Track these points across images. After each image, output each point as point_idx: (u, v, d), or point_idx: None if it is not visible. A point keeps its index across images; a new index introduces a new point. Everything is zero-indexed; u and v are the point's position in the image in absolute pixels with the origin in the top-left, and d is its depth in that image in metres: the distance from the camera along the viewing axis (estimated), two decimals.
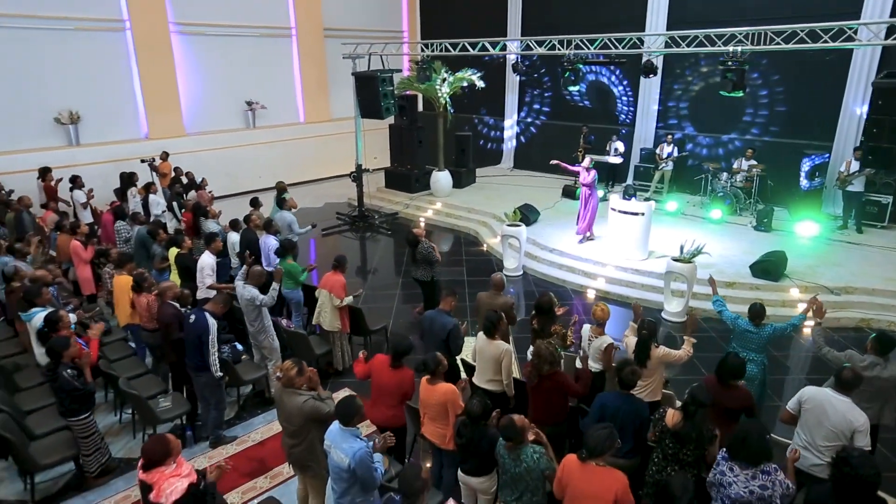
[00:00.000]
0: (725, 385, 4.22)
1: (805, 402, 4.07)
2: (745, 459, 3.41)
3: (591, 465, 3.34)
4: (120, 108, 13.54)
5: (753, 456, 3.39)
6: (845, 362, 4.49)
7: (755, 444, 3.41)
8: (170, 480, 3.22)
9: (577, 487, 3.36)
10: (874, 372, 4.40)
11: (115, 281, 6.28)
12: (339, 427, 3.60)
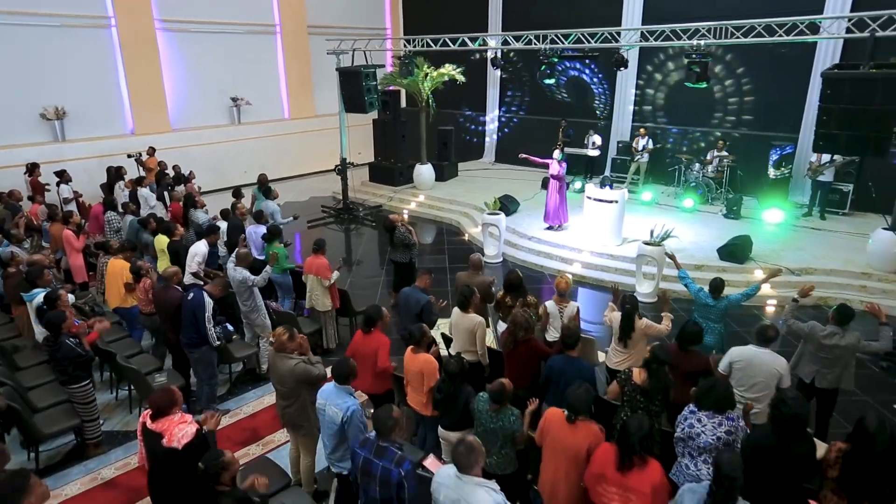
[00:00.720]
0: (685, 351, 4.60)
1: (735, 362, 4.51)
2: (712, 408, 3.76)
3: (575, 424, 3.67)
4: (106, 104, 13.68)
5: (720, 403, 3.74)
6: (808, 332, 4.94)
7: (721, 393, 3.77)
8: (179, 426, 3.52)
9: (557, 439, 3.70)
10: (834, 340, 4.79)
11: (109, 264, 6.52)
12: (335, 385, 3.92)
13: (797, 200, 12.09)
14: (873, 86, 6.09)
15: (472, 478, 3.06)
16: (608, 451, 3.47)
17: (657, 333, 5.11)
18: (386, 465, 3.33)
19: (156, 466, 3.64)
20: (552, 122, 15.14)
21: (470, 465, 3.04)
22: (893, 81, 6.01)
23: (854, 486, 3.32)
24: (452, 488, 3.09)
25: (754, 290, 5.59)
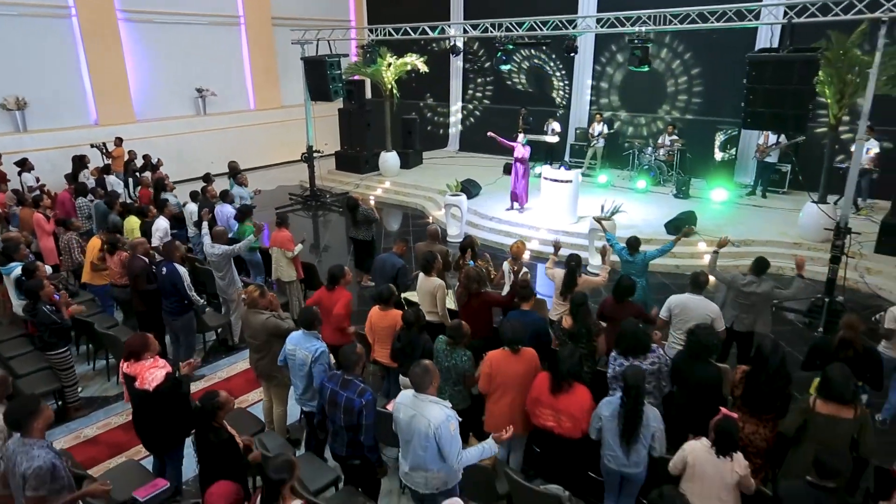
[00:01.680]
0: (620, 302, 5.14)
1: (674, 308, 5.08)
2: (632, 353, 4.28)
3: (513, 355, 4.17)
4: (68, 95, 13.66)
5: (630, 350, 4.25)
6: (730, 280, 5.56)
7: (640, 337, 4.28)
8: (150, 370, 3.88)
9: (503, 372, 4.18)
10: (751, 288, 5.41)
11: (90, 242, 6.81)
12: (303, 332, 4.33)
13: (742, 181, 12.88)
14: (791, 67, 6.72)
15: (427, 396, 3.51)
16: (543, 378, 3.97)
17: (596, 285, 5.65)
18: (350, 396, 3.75)
19: (136, 405, 4.00)
20: (514, 110, 15.63)
21: (425, 385, 3.49)
22: (807, 64, 6.65)
23: (753, 401, 3.88)
24: (410, 406, 3.54)
25: (669, 247, 6.23)
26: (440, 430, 3.40)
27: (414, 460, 3.58)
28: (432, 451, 3.49)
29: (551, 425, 3.94)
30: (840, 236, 7.09)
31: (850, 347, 4.29)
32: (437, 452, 3.48)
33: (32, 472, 3.01)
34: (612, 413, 3.64)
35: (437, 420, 3.42)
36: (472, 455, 3.55)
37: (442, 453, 3.46)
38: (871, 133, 10.37)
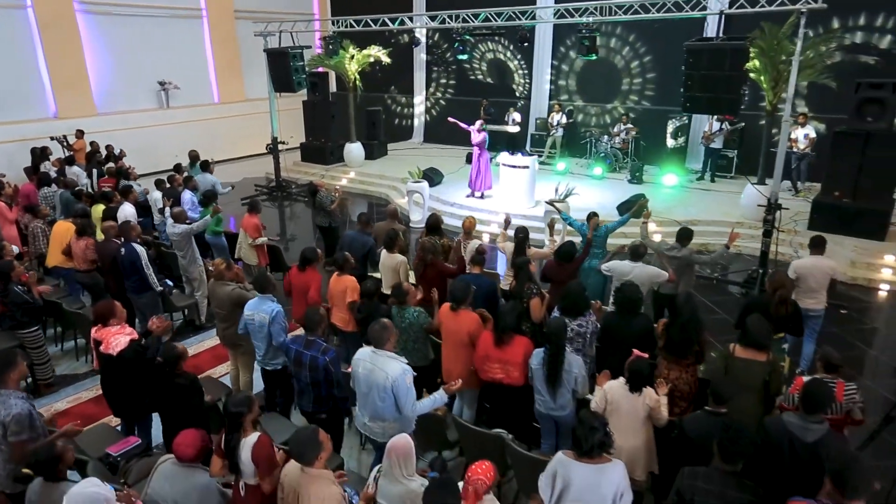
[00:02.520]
0: (559, 265, 5.57)
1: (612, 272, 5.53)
2: (570, 313, 4.70)
3: (458, 312, 4.54)
4: (25, 88, 13.49)
5: (574, 308, 4.67)
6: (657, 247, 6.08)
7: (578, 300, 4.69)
8: (115, 336, 4.13)
9: (448, 327, 4.57)
10: (673, 253, 5.95)
11: (55, 226, 6.93)
12: (258, 297, 4.63)
13: (693, 167, 13.52)
14: (723, 55, 7.24)
15: (384, 352, 3.85)
16: (488, 336, 4.35)
17: (543, 256, 6.07)
18: (314, 355, 4.07)
19: (104, 369, 4.26)
20: (476, 101, 16.00)
21: (383, 341, 3.83)
22: (738, 52, 7.18)
23: (672, 348, 4.33)
24: (368, 360, 3.87)
25: (626, 219, 6.71)
26: (397, 382, 3.75)
27: (373, 411, 3.92)
28: (390, 402, 3.84)
29: (500, 377, 4.33)
30: (771, 212, 7.65)
31: (785, 304, 4.79)
32: (394, 403, 3.82)
33: (12, 419, 3.26)
34: (539, 362, 4.06)
35: (394, 373, 3.77)
36: (425, 405, 3.91)
37: (398, 404, 3.80)
38: (806, 119, 11.10)
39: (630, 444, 3.77)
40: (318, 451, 2.89)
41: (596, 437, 2.99)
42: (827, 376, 3.90)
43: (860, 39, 11.44)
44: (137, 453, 4.00)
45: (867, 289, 8.32)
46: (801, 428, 3.26)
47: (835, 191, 9.34)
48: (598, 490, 2.98)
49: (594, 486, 2.98)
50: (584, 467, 3.01)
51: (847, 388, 3.83)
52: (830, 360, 3.92)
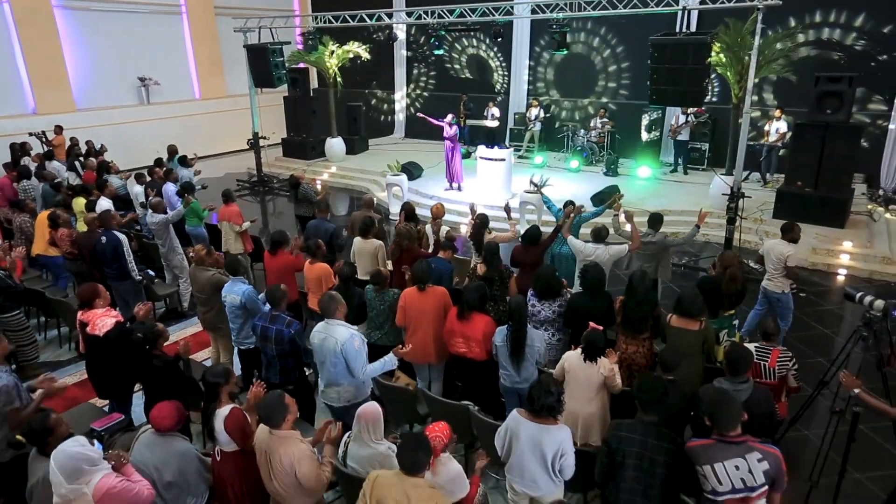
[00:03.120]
0: (526, 248, 5.83)
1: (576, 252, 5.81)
2: (544, 297, 4.95)
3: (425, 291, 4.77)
4: (2, 83, 13.50)
5: (548, 291, 4.94)
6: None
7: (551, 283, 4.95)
8: (101, 318, 4.31)
9: (414, 307, 4.79)
10: (647, 238, 6.24)
11: (39, 217, 7.07)
12: (231, 279, 4.83)
13: (667, 160, 13.88)
14: (686, 49, 7.55)
15: (334, 320, 4.10)
16: (454, 312, 4.59)
17: (504, 240, 6.35)
18: (279, 328, 4.30)
19: (89, 351, 4.44)
20: (456, 97, 16.25)
21: (331, 310, 4.07)
22: (700, 46, 7.49)
23: (628, 323, 4.60)
24: (322, 330, 4.12)
25: (601, 210, 6.97)
26: (346, 345, 4.00)
27: (327, 377, 4.17)
28: (341, 367, 4.08)
29: (463, 351, 4.58)
30: (734, 199, 7.98)
31: (735, 282, 5.09)
32: (345, 367, 4.08)
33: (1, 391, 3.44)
34: (503, 338, 4.30)
35: (342, 338, 4.01)
36: (375, 368, 4.17)
37: (349, 366, 4.05)
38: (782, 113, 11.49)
39: (586, 411, 4.03)
40: (284, 414, 3.11)
41: (548, 399, 3.24)
42: (765, 344, 4.21)
43: (824, 35, 11.85)
44: (121, 428, 4.18)
45: (826, 273, 8.70)
46: (731, 390, 3.55)
47: (797, 181, 9.71)
48: (540, 447, 3.24)
49: (537, 443, 3.24)
50: (531, 425, 3.27)
51: (781, 356, 4.13)
52: (767, 329, 4.23)
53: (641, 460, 3.12)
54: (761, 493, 2.87)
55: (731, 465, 2.85)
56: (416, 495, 2.70)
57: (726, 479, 2.85)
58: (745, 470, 2.85)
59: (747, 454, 2.87)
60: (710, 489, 2.90)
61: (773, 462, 2.87)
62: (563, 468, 3.28)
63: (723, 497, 2.88)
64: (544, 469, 3.27)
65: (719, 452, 2.89)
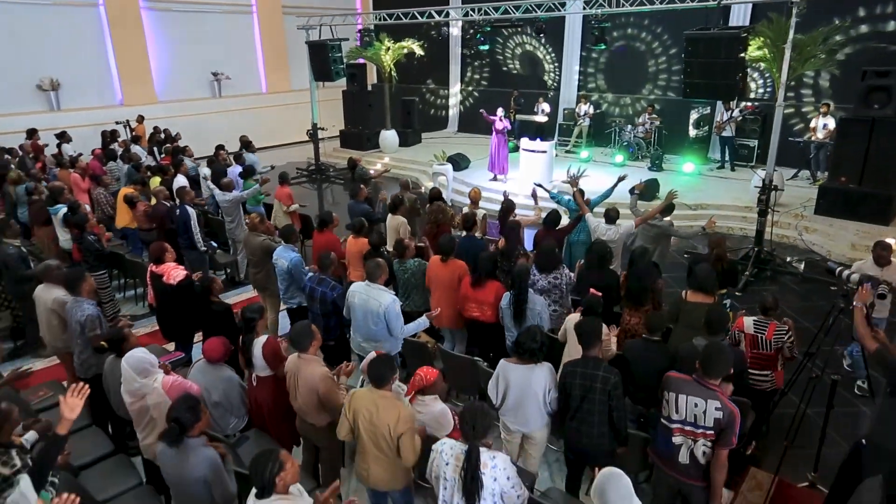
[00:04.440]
0: (547, 231, 6.27)
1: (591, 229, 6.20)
2: (543, 269, 5.41)
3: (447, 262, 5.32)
4: (96, 77, 14.99)
5: (546, 265, 5.38)
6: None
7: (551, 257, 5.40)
8: (174, 270, 5.10)
9: (437, 275, 5.36)
10: (654, 222, 6.55)
11: (120, 193, 8.06)
12: (283, 245, 5.53)
13: (715, 156, 13.83)
14: (719, 44, 7.71)
15: (377, 285, 4.68)
16: (467, 280, 5.12)
17: (529, 222, 6.80)
18: (324, 290, 4.95)
19: (159, 300, 5.23)
20: (508, 92, 16.70)
21: (376, 276, 4.66)
22: (732, 40, 7.64)
23: (631, 296, 4.98)
24: (363, 292, 4.71)
25: (608, 192, 7.27)
26: (388, 309, 4.58)
27: (366, 334, 4.76)
28: (382, 326, 4.66)
29: (476, 315, 5.09)
30: (765, 192, 8.09)
31: (721, 261, 5.38)
32: (385, 327, 4.65)
33: (87, 319, 4.27)
34: (507, 303, 4.78)
35: (386, 302, 4.60)
36: (410, 328, 4.73)
37: (389, 327, 4.63)
38: (828, 109, 11.33)
39: None
40: (311, 340, 3.74)
41: (532, 345, 3.71)
42: (763, 318, 4.51)
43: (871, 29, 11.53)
44: (181, 363, 4.96)
45: None
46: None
47: (841, 176, 9.62)
48: (530, 386, 3.72)
49: (526, 383, 3.72)
50: (518, 368, 3.76)
51: (777, 329, 4.42)
52: (765, 304, 4.53)
53: (583, 390, 3.60)
54: (704, 435, 3.25)
55: (692, 401, 3.26)
56: (383, 404, 3.28)
57: (683, 409, 3.26)
58: (701, 410, 3.25)
59: (709, 399, 3.25)
60: (666, 415, 3.32)
61: (727, 415, 3.22)
62: (550, 400, 3.75)
63: (674, 425, 3.29)
64: (537, 406, 3.75)
65: (689, 387, 3.31)
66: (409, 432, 3.23)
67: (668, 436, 3.35)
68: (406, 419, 3.25)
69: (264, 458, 2.62)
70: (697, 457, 3.28)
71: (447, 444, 3.04)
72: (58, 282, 4.74)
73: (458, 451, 2.96)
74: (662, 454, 3.46)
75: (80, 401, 2.81)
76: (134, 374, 3.52)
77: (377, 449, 3.31)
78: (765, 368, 4.41)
